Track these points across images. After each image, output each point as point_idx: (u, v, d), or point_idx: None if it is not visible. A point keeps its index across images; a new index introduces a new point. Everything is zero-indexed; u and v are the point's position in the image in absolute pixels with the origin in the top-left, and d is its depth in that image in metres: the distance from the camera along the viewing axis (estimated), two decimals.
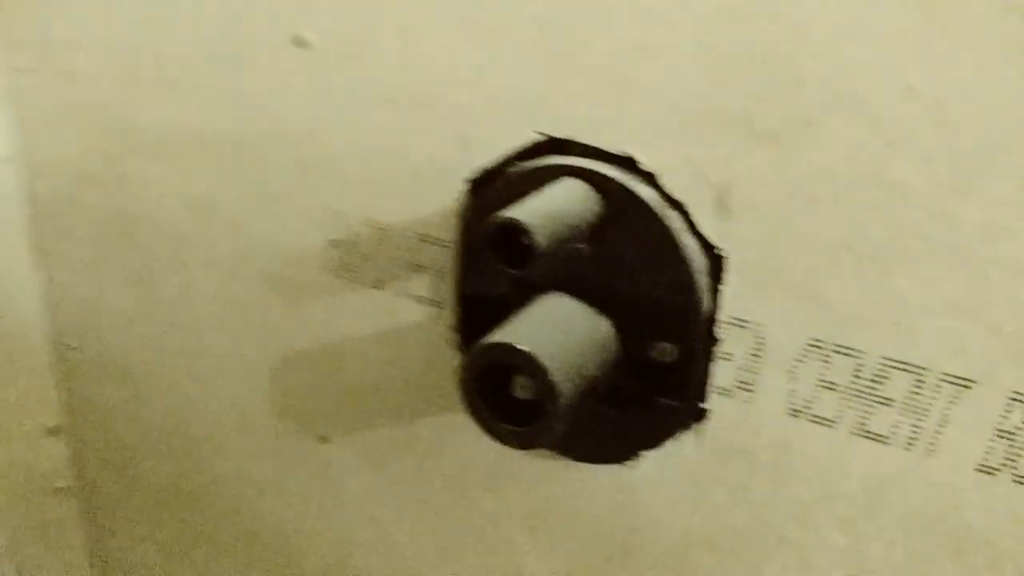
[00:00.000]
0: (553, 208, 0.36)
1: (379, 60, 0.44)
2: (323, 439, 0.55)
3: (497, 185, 0.42)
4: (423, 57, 0.43)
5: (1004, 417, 0.34)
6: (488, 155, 0.42)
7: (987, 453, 0.35)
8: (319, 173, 0.48)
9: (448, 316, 0.47)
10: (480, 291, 0.45)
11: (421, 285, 0.47)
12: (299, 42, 0.45)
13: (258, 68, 0.48)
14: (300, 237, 0.50)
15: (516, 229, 0.35)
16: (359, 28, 0.44)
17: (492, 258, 0.36)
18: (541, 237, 0.35)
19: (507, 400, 0.38)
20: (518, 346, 0.36)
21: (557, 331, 0.38)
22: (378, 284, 0.49)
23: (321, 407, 0.54)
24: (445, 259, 0.46)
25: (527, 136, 0.41)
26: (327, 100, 0.46)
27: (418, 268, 0.47)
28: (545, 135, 0.41)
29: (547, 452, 0.46)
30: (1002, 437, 0.35)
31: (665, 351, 0.40)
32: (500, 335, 0.37)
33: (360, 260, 0.49)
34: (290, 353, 0.54)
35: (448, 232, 0.45)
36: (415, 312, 0.48)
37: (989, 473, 0.35)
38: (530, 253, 0.35)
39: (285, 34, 0.46)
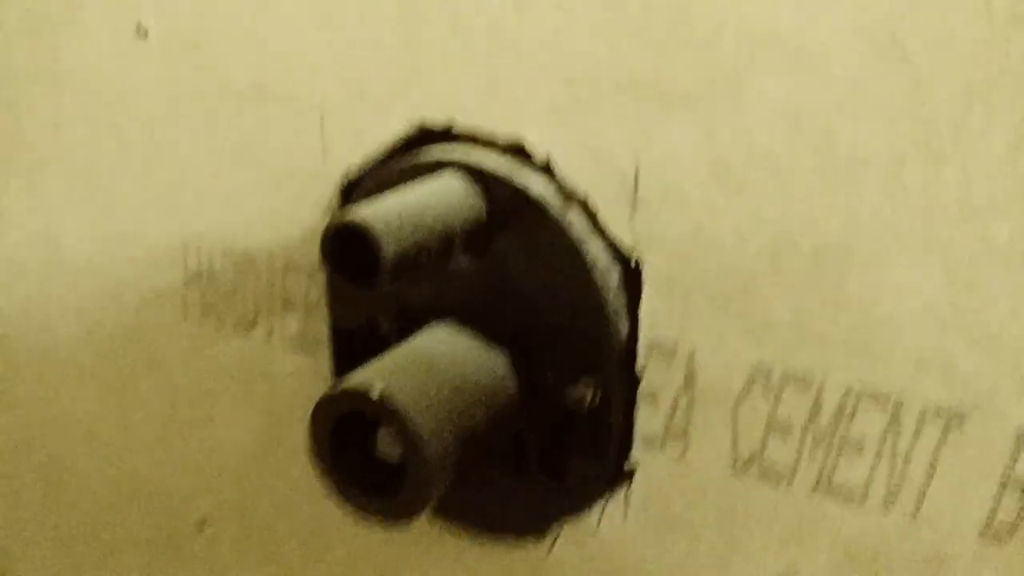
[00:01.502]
0: (411, 208, 0.28)
1: (224, 47, 0.36)
2: (200, 524, 0.46)
3: (368, 190, 0.34)
4: (273, 40, 0.35)
5: (1013, 460, 0.26)
6: (358, 153, 0.35)
7: (992, 511, 0.26)
8: (168, 189, 0.40)
9: (326, 360, 0.38)
10: (357, 326, 0.36)
11: (293, 324, 0.39)
12: (139, 31, 0.37)
13: (100, 66, 0.40)
14: (154, 275, 0.42)
15: (358, 235, 0.27)
16: (198, 10, 0.36)
17: (332, 272, 0.28)
18: (389, 244, 0.27)
19: (380, 466, 0.30)
20: (368, 391, 0.28)
21: (430, 370, 0.30)
22: (245, 326, 0.40)
23: (196, 485, 0.45)
24: (315, 290, 0.37)
25: (398, 126, 0.33)
26: (171, 99, 0.38)
27: (287, 303, 0.39)
28: (420, 125, 0.33)
29: (448, 531, 0.37)
30: (1012, 488, 0.26)
31: (580, 395, 0.32)
32: (350, 379, 0.29)
33: (222, 298, 0.40)
34: (154, 418, 0.45)
35: (316, 256, 0.37)
36: (289, 358, 0.40)
37: (997, 539, 0.26)
38: (376, 265, 0.27)
39: (128, 24, 0.38)
